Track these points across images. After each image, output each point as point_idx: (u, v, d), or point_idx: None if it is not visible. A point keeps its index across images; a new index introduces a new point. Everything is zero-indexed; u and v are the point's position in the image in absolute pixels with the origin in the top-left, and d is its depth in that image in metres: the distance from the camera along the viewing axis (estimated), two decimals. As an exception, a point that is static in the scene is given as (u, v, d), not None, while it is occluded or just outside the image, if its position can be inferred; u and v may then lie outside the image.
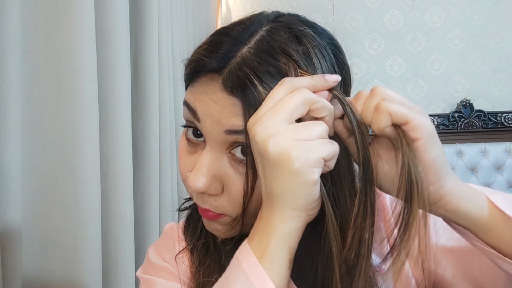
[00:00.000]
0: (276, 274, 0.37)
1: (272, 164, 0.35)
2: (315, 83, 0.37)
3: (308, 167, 0.34)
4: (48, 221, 0.74)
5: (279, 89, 0.36)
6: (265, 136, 0.35)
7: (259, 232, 0.38)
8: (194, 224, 0.53)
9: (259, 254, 0.37)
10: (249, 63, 0.38)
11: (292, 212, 0.37)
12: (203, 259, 0.49)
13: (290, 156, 0.34)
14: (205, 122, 0.41)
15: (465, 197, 0.38)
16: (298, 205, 0.36)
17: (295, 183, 0.35)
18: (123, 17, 0.91)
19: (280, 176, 0.35)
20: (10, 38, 0.61)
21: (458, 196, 0.38)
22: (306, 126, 0.35)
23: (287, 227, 0.37)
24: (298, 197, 0.36)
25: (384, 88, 0.37)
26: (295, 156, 0.34)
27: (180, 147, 0.46)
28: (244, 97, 0.38)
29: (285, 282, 0.38)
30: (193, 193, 0.44)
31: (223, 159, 0.42)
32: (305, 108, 0.36)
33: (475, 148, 2.03)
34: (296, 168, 0.34)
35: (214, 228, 0.46)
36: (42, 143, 0.73)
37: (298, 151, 0.34)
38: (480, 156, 2.02)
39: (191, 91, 0.43)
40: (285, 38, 0.40)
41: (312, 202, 0.37)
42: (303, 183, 0.35)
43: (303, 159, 0.34)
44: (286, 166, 0.34)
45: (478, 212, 0.38)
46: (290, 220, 0.37)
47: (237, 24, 0.43)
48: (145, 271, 0.53)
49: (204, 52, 0.41)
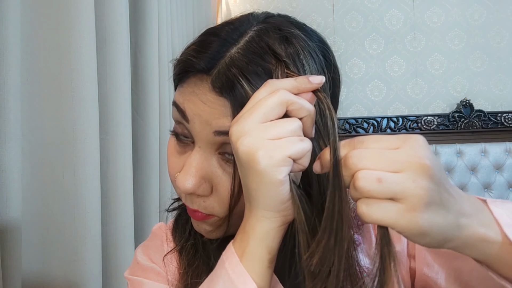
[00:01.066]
0: (257, 273, 0.37)
1: (242, 164, 0.35)
2: (298, 84, 0.36)
3: (273, 166, 0.34)
4: (48, 221, 0.74)
5: (261, 91, 0.36)
6: (237, 136, 0.34)
7: (241, 232, 0.39)
8: (182, 224, 0.53)
9: (240, 253, 0.37)
10: (238, 63, 0.38)
11: (265, 212, 0.36)
12: (192, 260, 0.49)
13: (255, 156, 0.34)
14: (194, 123, 0.41)
15: (475, 246, 0.35)
16: (268, 205, 0.36)
17: (262, 183, 0.34)
18: (123, 17, 0.91)
19: (249, 176, 0.35)
20: (10, 38, 0.61)
21: (466, 248, 0.35)
22: (276, 124, 0.35)
23: (263, 227, 0.37)
24: (266, 197, 0.35)
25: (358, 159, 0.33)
26: (260, 156, 0.33)
27: (169, 148, 0.46)
28: (233, 98, 0.38)
29: (266, 282, 0.38)
30: (181, 193, 0.44)
31: (212, 159, 0.41)
32: (281, 108, 0.35)
33: (475, 148, 2.03)
34: (261, 168, 0.34)
35: (203, 228, 0.45)
36: (42, 143, 0.73)
37: (262, 151, 0.33)
38: (480, 156, 2.02)
39: (180, 91, 0.42)
40: (274, 39, 0.40)
41: (282, 202, 0.36)
42: (269, 183, 0.34)
43: (268, 158, 0.33)
44: (252, 166, 0.34)
45: (488, 254, 0.36)
46: (265, 220, 0.37)
47: (226, 24, 0.42)
48: (132, 272, 0.52)
49: (193, 52, 0.40)
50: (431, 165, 0.31)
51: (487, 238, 0.35)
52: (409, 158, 0.31)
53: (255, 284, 0.36)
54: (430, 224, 0.31)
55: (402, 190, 0.31)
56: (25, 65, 0.69)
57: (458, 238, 0.34)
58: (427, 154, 0.32)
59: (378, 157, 0.32)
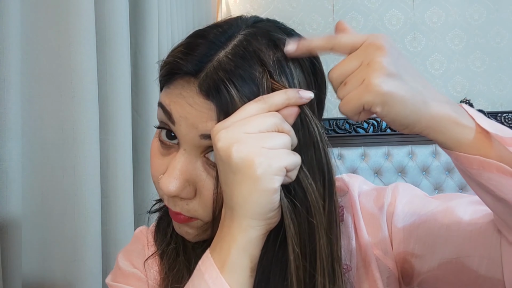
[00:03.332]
0: (237, 283, 0.37)
1: (234, 170, 0.35)
2: (288, 100, 0.38)
3: (270, 174, 0.34)
4: (48, 221, 0.74)
5: (253, 105, 0.37)
6: (229, 143, 0.35)
7: (220, 241, 0.38)
8: (164, 228, 0.52)
9: (220, 264, 0.37)
10: (225, 68, 0.38)
11: (251, 221, 0.36)
12: (173, 265, 0.49)
13: (253, 162, 0.34)
14: (180, 125, 0.40)
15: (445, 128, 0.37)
16: (257, 213, 0.36)
17: (255, 189, 0.35)
18: (123, 17, 0.91)
19: (241, 183, 0.35)
20: (10, 38, 0.61)
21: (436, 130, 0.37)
22: (271, 135, 0.36)
23: (247, 236, 0.37)
24: (257, 205, 0.36)
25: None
26: (258, 163, 0.34)
27: (153, 148, 0.45)
28: (219, 102, 0.38)
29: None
30: (164, 195, 0.44)
31: (197, 162, 0.41)
32: (273, 130, 0.37)
33: (475, 148, 2.02)
34: (258, 174, 0.34)
35: (185, 231, 0.45)
36: (42, 143, 0.73)
37: (261, 158, 0.34)
38: (480, 156, 2.02)
39: (166, 93, 0.42)
40: (261, 45, 0.40)
41: (271, 210, 0.37)
42: (263, 191, 0.35)
43: (266, 166, 0.34)
44: (248, 172, 0.34)
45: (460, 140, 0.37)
46: (250, 230, 0.37)
47: (214, 27, 0.42)
48: (114, 278, 0.52)
49: (180, 54, 0.40)
50: (385, 45, 0.36)
51: (459, 122, 0.37)
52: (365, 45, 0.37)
53: None
54: (391, 92, 0.35)
55: (360, 77, 0.36)
56: (25, 65, 0.69)
57: (426, 115, 0.36)
58: (383, 39, 0.36)
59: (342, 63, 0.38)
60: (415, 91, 0.36)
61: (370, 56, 0.36)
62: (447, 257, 0.45)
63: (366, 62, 0.36)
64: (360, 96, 0.35)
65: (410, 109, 0.36)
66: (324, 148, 0.40)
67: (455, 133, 0.37)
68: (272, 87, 0.39)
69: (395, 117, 0.36)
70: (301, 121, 0.39)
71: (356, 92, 0.36)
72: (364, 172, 1.97)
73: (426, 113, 0.36)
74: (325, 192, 0.40)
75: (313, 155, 0.40)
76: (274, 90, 0.38)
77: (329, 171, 0.41)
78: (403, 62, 0.37)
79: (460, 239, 0.44)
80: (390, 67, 0.35)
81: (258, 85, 0.38)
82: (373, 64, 0.35)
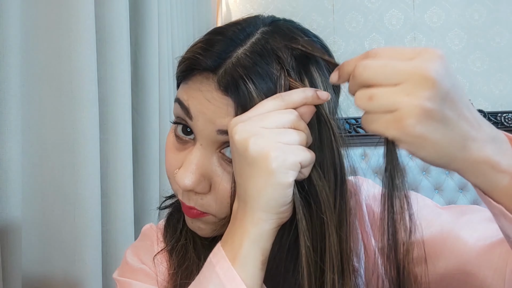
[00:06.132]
0: (249, 276, 0.37)
1: (250, 163, 0.36)
2: (306, 99, 0.38)
3: (284, 168, 0.35)
4: (48, 221, 0.74)
5: (271, 102, 0.38)
6: (246, 136, 0.35)
7: (232, 234, 0.38)
8: (174, 224, 0.53)
9: (232, 257, 0.37)
10: (244, 64, 0.39)
11: (263, 214, 0.37)
12: (182, 261, 0.49)
13: (268, 155, 0.35)
14: (197, 121, 0.41)
15: (481, 172, 0.34)
16: (269, 207, 0.36)
17: (269, 183, 0.35)
18: (123, 17, 0.91)
19: (256, 176, 0.36)
20: (10, 38, 0.61)
21: (470, 172, 0.34)
22: (287, 131, 0.37)
23: (259, 229, 0.37)
24: (270, 199, 0.36)
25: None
26: (273, 156, 0.35)
27: (168, 143, 0.46)
28: (237, 98, 0.39)
29: (258, 283, 0.38)
30: (179, 190, 0.44)
31: (213, 158, 0.42)
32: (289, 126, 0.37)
33: (475, 148, 2.02)
34: (272, 168, 0.35)
35: (197, 226, 0.46)
36: (42, 143, 0.73)
37: (277, 152, 0.35)
38: (480, 156, 2.02)
39: (184, 88, 0.43)
40: (279, 43, 0.40)
41: (283, 205, 0.37)
42: (277, 184, 0.35)
43: (281, 160, 0.35)
44: (263, 165, 0.35)
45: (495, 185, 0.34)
46: (262, 223, 0.37)
47: (233, 24, 0.43)
48: (121, 273, 0.52)
49: (199, 50, 0.41)
50: (436, 78, 0.30)
51: (498, 167, 0.33)
52: (413, 70, 0.31)
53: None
54: (423, 136, 0.31)
55: (392, 103, 0.31)
56: (25, 65, 0.69)
57: (462, 159, 0.33)
58: (436, 67, 0.31)
59: (381, 69, 0.32)
60: (456, 134, 0.32)
61: (413, 86, 0.31)
62: (450, 271, 0.45)
63: (407, 91, 0.31)
64: (387, 127, 0.32)
65: (443, 154, 0.32)
66: (338, 148, 0.41)
67: (490, 178, 0.34)
68: (290, 85, 0.39)
69: (423, 158, 0.33)
70: (318, 120, 0.40)
71: (384, 120, 0.32)
72: (364, 172, 1.97)
73: (461, 158, 0.33)
74: (337, 191, 0.41)
75: (327, 155, 0.40)
76: (291, 88, 0.39)
77: (341, 171, 0.41)
78: (453, 96, 0.32)
79: (466, 255, 0.44)
80: (433, 105, 0.30)
81: (275, 82, 0.39)
82: (413, 97, 0.30)
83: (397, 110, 0.31)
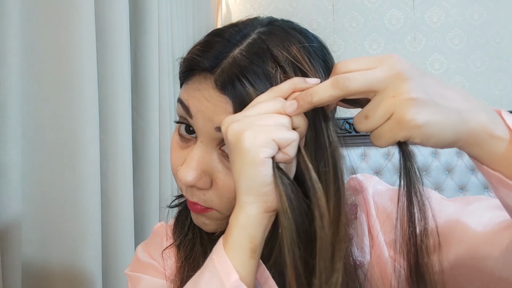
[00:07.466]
0: (239, 263, 0.37)
1: (232, 148, 0.37)
2: (293, 85, 0.39)
3: (256, 146, 0.36)
4: (48, 220, 0.74)
5: (262, 95, 0.39)
6: (228, 123, 0.37)
7: (228, 223, 0.40)
8: (182, 221, 0.55)
9: (224, 243, 0.38)
10: (240, 64, 0.40)
11: (246, 197, 0.37)
12: (189, 254, 0.51)
13: (241, 136, 0.36)
14: (197, 119, 0.43)
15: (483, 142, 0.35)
16: (249, 187, 0.37)
17: (244, 162, 0.36)
18: (123, 17, 0.91)
19: (236, 160, 0.37)
20: (10, 38, 0.61)
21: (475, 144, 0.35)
22: (267, 115, 0.37)
23: (244, 213, 0.38)
24: (249, 179, 0.36)
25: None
26: (245, 136, 0.36)
27: (173, 142, 0.48)
28: (234, 96, 0.40)
29: (249, 272, 0.38)
30: (182, 186, 0.46)
31: (213, 154, 0.44)
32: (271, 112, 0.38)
33: (475, 148, 2.03)
34: (245, 147, 0.36)
35: (202, 222, 0.47)
36: (42, 143, 0.73)
37: (248, 132, 0.36)
38: (480, 156, 2.03)
39: (185, 88, 0.45)
40: (275, 43, 0.42)
41: (262, 185, 0.36)
42: (250, 162, 0.36)
43: (252, 138, 0.36)
44: (238, 147, 0.36)
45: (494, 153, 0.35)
46: (246, 206, 0.37)
47: (231, 26, 0.45)
48: (132, 268, 0.54)
49: (198, 52, 0.43)
50: (406, 72, 0.34)
51: (494, 134, 0.35)
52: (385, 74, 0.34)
53: (237, 275, 0.36)
54: (428, 122, 0.33)
55: (386, 110, 0.34)
56: (25, 65, 0.69)
57: (465, 132, 0.35)
58: (401, 65, 0.34)
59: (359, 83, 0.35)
60: (450, 110, 0.34)
61: (393, 87, 0.34)
62: (461, 258, 0.45)
63: (391, 94, 0.33)
64: (394, 132, 0.34)
65: (450, 131, 0.34)
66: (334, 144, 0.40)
67: (488, 146, 0.35)
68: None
69: (436, 143, 0.34)
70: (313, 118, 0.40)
71: (388, 129, 0.34)
72: (364, 172, 1.97)
73: (465, 131, 0.35)
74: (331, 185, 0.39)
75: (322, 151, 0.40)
76: None
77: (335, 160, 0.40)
78: (427, 80, 0.35)
79: (475, 241, 0.44)
80: (418, 94, 0.33)
81: (271, 79, 0.40)
82: (399, 95, 0.33)
83: (393, 113, 0.33)
